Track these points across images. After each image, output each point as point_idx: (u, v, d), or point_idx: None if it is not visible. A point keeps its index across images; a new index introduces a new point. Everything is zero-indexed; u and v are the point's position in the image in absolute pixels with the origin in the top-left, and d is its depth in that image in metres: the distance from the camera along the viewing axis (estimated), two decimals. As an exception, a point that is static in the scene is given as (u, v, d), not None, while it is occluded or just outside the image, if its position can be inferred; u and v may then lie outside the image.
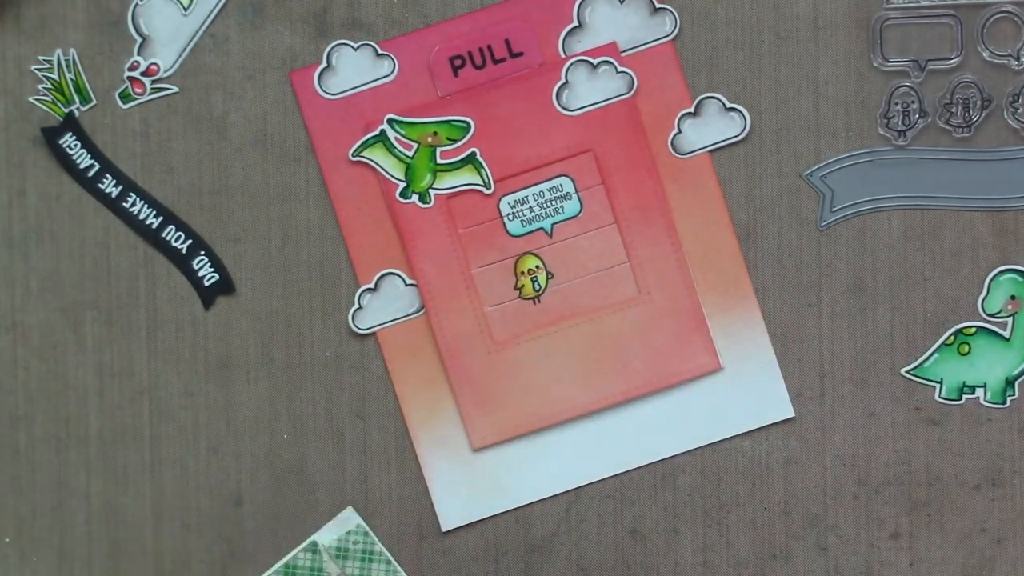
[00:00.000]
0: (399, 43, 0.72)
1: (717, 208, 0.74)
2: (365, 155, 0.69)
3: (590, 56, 0.72)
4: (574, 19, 0.73)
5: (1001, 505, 0.74)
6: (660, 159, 0.74)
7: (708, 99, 0.74)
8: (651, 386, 0.74)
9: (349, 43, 0.68)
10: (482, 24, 0.73)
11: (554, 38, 0.73)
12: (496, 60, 0.73)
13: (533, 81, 0.72)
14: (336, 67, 0.72)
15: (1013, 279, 0.73)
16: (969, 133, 0.73)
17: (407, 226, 0.73)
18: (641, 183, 0.74)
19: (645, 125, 0.74)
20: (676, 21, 0.74)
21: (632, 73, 0.73)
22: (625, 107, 0.74)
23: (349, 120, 0.73)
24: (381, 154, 0.69)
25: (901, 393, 0.74)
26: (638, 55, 0.74)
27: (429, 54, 0.71)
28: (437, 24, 0.72)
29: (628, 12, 0.73)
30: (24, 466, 0.76)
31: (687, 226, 0.74)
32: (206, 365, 0.76)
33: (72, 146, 0.75)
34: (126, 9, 0.75)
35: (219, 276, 0.75)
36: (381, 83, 0.72)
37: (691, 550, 0.75)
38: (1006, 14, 0.72)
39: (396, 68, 0.70)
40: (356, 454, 0.75)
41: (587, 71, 0.72)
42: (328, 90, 0.72)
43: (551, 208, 0.73)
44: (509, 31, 0.73)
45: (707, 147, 0.74)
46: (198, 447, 0.76)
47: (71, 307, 0.76)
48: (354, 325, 0.75)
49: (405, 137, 0.68)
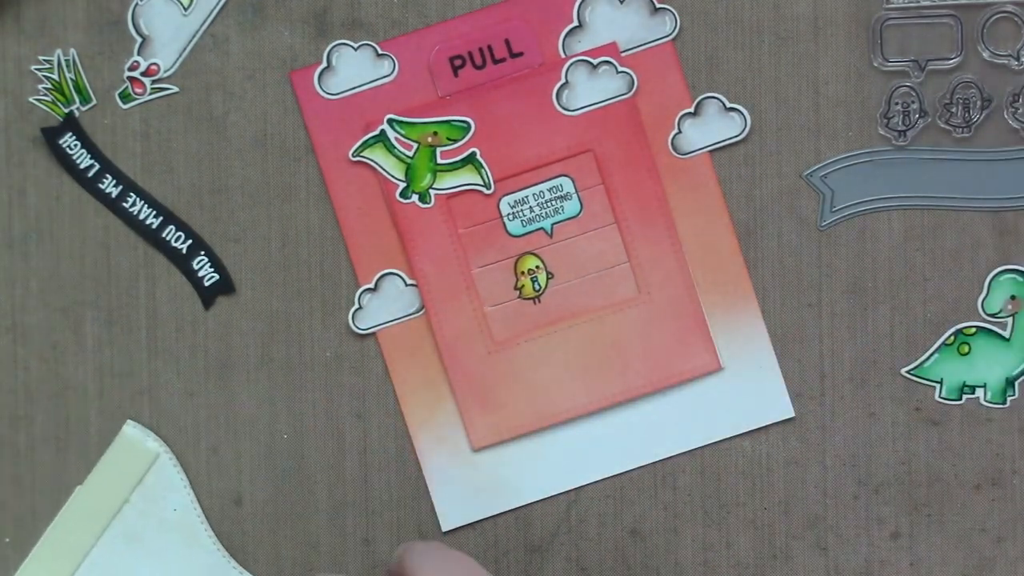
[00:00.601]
0: (399, 43, 0.72)
1: (717, 208, 0.74)
2: (365, 155, 0.69)
3: (590, 56, 0.72)
4: (574, 19, 0.73)
5: (1001, 505, 0.74)
6: (660, 159, 0.74)
7: (708, 99, 0.74)
8: (651, 386, 0.74)
9: (349, 43, 0.68)
10: (482, 24, 0.73)
11: (554, 38, 0.73)
12: (496, 60, 0.73)
13: (533, 81, 0.72)
14: (336, 67, 0.72)
15: (1013, 279, 0.73)
16: (969, 133, 0.73)
17: (407, 226, 0.73)
18: (641, 183, 0.74)
19: (645, 125, 0.74)
20: (676, 21, 0.74)
21: (632, 73, 0.73)
22: (625, 107, 0.74)
23: (349, 120, 0.73)
24: (381, 154, 0.69)
25: (901, 393, 0.74)
26: (638, 55, 0.74)
27: (429, 54, 0.71)
28: (437, 24, 0.72)
29: (628, 12, 0.73)
30: (24, 466, 0.76)
31: (687, 226, 0.74)
32: (206, 365, 0.76)
33: (72, 146, 0.75)
34: (126, 9, 0.75)
35: (219, 276, 0.75)
36: (381, 83, 0.72)
37: (691, 550, 0.75)
38: (1006, 14, 0.72)
39: (396, 68, 0.70)
40: (356, 454, 0.75)
41: (587, 71, 0.72)
42: (328, 90, 0.72)
43: (551, 208, 0.73)
44: (509, 31, 0.73)
45: (707, 147, 0.74)
46: (198, 447, 0.76)
47: (71, 307, 0.76)
48: (354, 325, 0.75)
49: (405, 137, 0.68)
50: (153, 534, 0.74)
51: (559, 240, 0.73)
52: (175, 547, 0.74)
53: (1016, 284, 0.73)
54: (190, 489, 0.75)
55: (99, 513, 0.74)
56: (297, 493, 0.75)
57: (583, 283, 0.74)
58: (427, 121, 0.72)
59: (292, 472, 0.76)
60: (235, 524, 0.76)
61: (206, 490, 0.76)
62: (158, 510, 0.74)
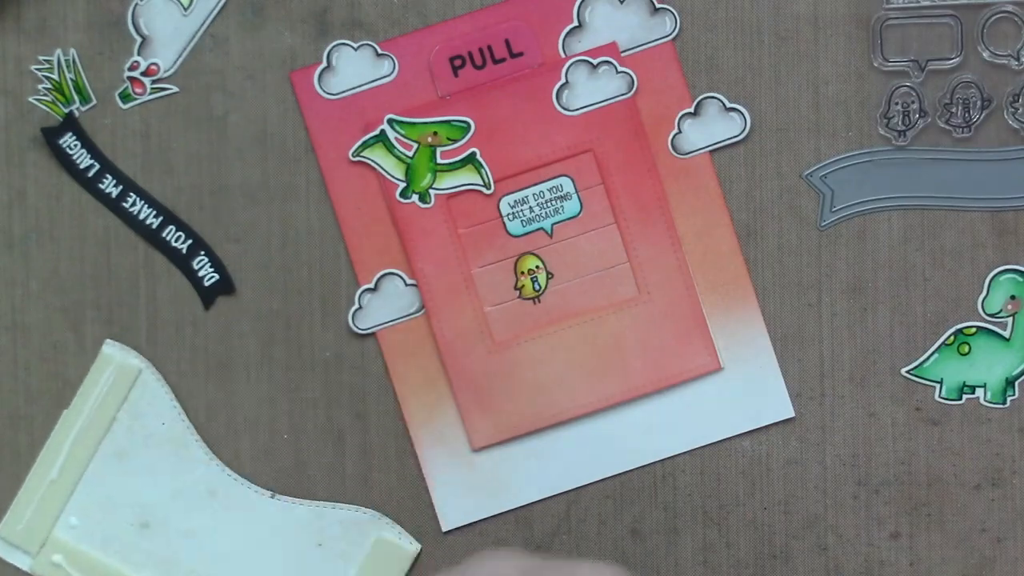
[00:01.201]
0: (399, 43, 0.72)
1: (717, 208, 0.74)
2: (365, 155, 0.69)
3: (590, 56, 0.72)
4: (574, 19, 0.73)
5: (1001, 505, 0.74)
6: (660, 159, 0.74)
7: (708, 99, 0.74)
8: (651, 386, 0.74)
9: (349, 43, 0.68)
10: (482, 24, 0.73)
11: (554, 38, 0.73)
12: (496, 60, 0.73)
13: (533, 81, 0.72)
14: (336, 67, 0.72)
15: (1013, 279, 0.73)
16: (969, 133, 0.73)
17: (407, 226, 0.73)
18: (641, 183, 0.74)
19: (645, 125, 0.74)
20: (676, 21, 0.74)
21: (632, 73, 0.73)
22: (625, 107, 0.74)
23: (349, 120, 0.73)
24: (381, 154, 0.69)
25: (901, 393, 0.74)
26: (638, 55, 0.74)
27: (429, 54, 0.71)
28: (437, 24, 0.72)
29: (628, 12, 0.73)
30: (24, 466, 0.76)
31: (687, 226, 0.74)
32: (206, 365, 0.76)
33: (72, 146, 0.75)
34: (126, 9, 0.75)
35: (219, 276, 0.75)
36: (381, 83, 0.72)
37: (691, 550, 0.75)
38: (1006, 14, 0.72)
39: (396, 68, 0.70)
40: (356, 454, 0.75)
41: (587, 71, 0.72)
42: (328, 90, 0.72)
43: (551, 208, 0.73)
44: (509, 31, 0.73)
45: (707, 147, 0.74)
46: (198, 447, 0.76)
47: (71, 307, 0.76)
48: (354, 325, 0.75)
49: (405, 137, 0.68)
50: (144, 449, 0.74)
51: (559, 240, 0.73)
52: (168, 460, 0.74)
53: (1016, 284, 0.73)
54: (176, 402, 0.74)
55: (88, 434, 0.74)
56: (297, 493, 0.75)
57: (583, 283, 0.74)
58: (427, 121, 0.72)
59: (292, 472, 0.76)
60: (235, 524, 0.76)
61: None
62: (146, 425, 0.74)
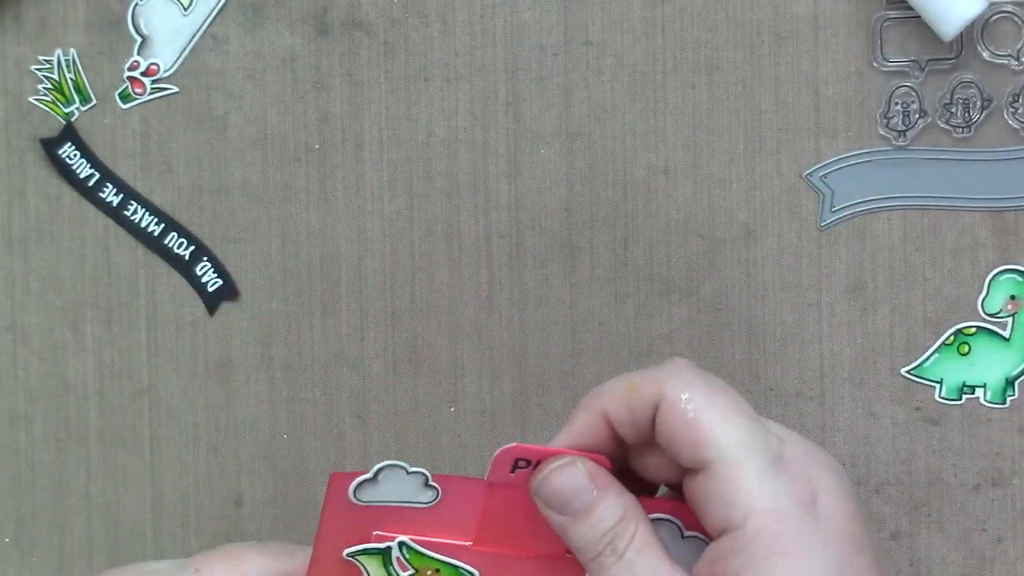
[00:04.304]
0: (453, 482, 0.64)
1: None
2: (360, 558, 0.64)
3: None
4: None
5: (1001, 505, 0.74)
6: (660, 159, 0.74)
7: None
8: (651, 387, 0.74)
9: (402, 465, 0.62)
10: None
11: None
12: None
13: (555, 564, 0.63)
14: (379, 481, 0.63)
15: (1013, 279, 0.73)
16: (969, 133, 0.73)
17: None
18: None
19: (645, 126, 0.73)
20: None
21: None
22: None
23: (363, 526, 0.64)
24: (375, 565, 0.63)
25: (901, 393, 0.74)
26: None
27: (476, 502, 0.64)
28: (486, 480, 0.64)
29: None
30: (24, 466, 0.76)
31: (687, 226, 0.74)
32: (206, 365, 0.76)
33: (71, 156, 0.75)
34: (126, 9, 0.75)
35: (222, 281, 0.75)
36: (414, 506, 0.63)
37: (691, 550, 0.74)
38: (1006, 14, 0.72)
39: (436, 499, 0.63)
40: (356, 454, 0.75)
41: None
42: (360, 497, 0.63)
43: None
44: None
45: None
46: (198, 447, 0.76)
47: (71, 307, 0.76)
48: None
49: (408, 563, 0.63)
50: None
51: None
52: None
53: (1016, 284, 0.73)
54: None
55: None
56: (297, 493, 0.75)
57: None
58: (436, 557, 0.65)
59: (292, 472, 0.76)
60: (235, 524, 0.76)
61: (206, 490, 0.76)
62: None
